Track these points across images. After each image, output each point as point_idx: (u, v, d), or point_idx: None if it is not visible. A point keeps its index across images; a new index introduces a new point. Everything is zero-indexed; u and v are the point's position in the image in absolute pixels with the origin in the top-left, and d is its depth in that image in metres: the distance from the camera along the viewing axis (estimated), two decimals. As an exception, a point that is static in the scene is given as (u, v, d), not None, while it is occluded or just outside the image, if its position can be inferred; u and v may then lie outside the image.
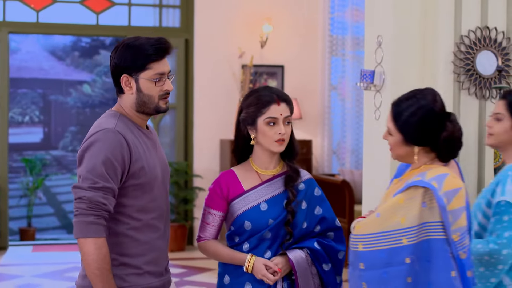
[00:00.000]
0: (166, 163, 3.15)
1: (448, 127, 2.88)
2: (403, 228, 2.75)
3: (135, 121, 3.02)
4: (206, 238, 3.21)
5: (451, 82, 4.36)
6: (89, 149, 2.87)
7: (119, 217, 2.92)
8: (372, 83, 4.49)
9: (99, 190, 2.80)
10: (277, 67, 9.58)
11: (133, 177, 2.90)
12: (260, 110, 3.11)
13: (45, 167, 13.19)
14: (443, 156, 2.92)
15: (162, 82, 2.97)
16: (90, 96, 16.55)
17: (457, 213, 2.78)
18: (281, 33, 9.50)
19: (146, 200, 2.94)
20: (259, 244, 3.13)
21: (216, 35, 9.33)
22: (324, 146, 9.73)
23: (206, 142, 9.34)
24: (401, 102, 2.95)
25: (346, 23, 9.70)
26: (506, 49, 4.43)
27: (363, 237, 2.81)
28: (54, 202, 14.60)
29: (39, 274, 7.72)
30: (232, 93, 9.31)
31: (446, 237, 2.74)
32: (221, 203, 3.17)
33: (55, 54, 16.38)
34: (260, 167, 3.20)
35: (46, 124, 16.71)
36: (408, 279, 2.75)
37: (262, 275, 3.06)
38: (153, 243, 2.97)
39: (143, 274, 2.95)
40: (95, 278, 2.80)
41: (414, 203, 2.77)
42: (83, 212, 2.80)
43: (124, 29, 9.37)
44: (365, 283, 2.80)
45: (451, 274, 2.72)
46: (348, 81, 9.73)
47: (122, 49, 2.99)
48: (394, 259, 2.75)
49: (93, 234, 2.78)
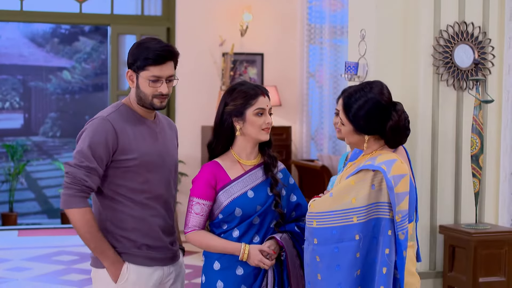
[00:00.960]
0: (169, 152, 3.41)
1: (394, 116, 3.11)
2: (353, 208, 3.02)
3: (137, 111, 3.33)
4: (194, 228, 3.34)
5: (430, 74, 4.60)
6: (83, 133, 3.26)
7: (115, 196, 3.26)
8: (356, 74, 4.72)
9: (82, 168, 3.17)
10: (257, 55, 9.78)
11: (122, 161, 3.23)
12: (248, 102, 3.31)
13: (26, 152, 13.27)
14: (390, 142, 3.16)
15: (158, 84, 3.25)
16: (70, 83, 16.57)
17: (401, 196, 3.02)
18: (260, 22, 9.69)
19: (138, 182, 3.26)
20: (248, 230, 3.31)
21: (197, 23, 9.50)
22: (302, 132, 9.95)
23: (188, 129, 9.51)
24: (351, 95, 3.18)
25: (324, 12, 9.91)
26: (482, 43, 4.68)
27: (317, 214, 3.08)
28: (35, 188, 14.67)
29: (28, 258, 7.89)
30: (213, 81, 9.49)
31: (390, 217, 3.01)
32: (210, 192, 3.31)
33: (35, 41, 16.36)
34: (242, 157, 3.37)
35: (27, 110, 16.70)
36: (356, 254, 3.02)
37: (259, 261, 3.24)
38: (147, 219, 3.29)
39: (140, 247, 3.28)
40: (86, 240, 3.20)
41: (364, 185, 3.03)
42: (67, 185, 3.20)
43: (107, 17, 9.52)
44: (318, 257, 3.07)
45: (385, 251, 2.99)
46: (325, 69, 9.95)
47: (134, 46, 3.30)
48: (345, 235, 3.02)
49: (75, 205, 3.17)
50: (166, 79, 3.27)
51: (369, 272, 3.02)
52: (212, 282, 3.32)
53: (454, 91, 4.65)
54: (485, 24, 4.71)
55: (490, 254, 4.43)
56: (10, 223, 10.80)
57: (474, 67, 4.62)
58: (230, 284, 3.29)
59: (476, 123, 4.44)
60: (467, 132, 4.60)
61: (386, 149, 3.18)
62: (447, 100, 4.63)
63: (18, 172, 11.51)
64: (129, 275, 3.25)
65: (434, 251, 4.65)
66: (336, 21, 9.87)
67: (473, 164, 4.46)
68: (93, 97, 16.58)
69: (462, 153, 4.65)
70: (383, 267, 2.97)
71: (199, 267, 7.43)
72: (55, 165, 13.66)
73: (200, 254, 8.00)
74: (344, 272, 3.01)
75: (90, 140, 3.19)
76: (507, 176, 4.74)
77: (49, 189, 14.46)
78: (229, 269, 3.30)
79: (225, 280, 3.29)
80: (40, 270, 7.34)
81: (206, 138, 9.37)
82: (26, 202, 13.78)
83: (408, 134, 3.19)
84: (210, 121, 9.44)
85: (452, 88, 4.64)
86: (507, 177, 4.75)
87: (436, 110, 4.60)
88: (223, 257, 3.30)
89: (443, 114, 4.63)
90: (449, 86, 4.63)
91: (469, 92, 4.62)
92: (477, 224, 4.52)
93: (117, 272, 3.23)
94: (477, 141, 4.43)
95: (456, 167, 4.66)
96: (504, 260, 4.46)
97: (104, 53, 16.23)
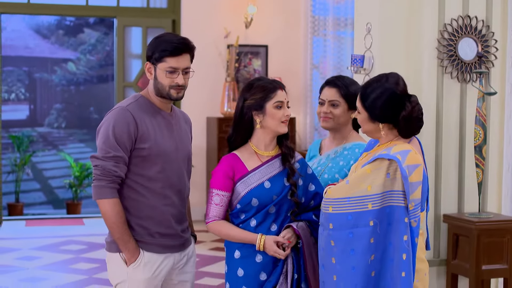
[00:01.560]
0: (184, 143, 3.56)
1: (407, 107, 3.24)
2: (369, 195, 3.15)
3: (155, 103, 3.50)
4: (215, 219, 3.47)
5: (435, 66, 4.70)
6: (104, 124, 3.41)
7: (133, 184, 3.42)
8: (362, 67, 4.81)
9: (110, 159, 3.33)
10: (261, 47, 9.87)
11: (141, 149, 3.39)
12: (268, 95, 3.43)
13: (31, 143, 13.36)
14: (403, 132, 3.28)
15: (175, 75, 3.41)
16: (75, 74, 16.65)
17: (415, 186, 3.15)
18: (265, 14, 9.77)
19: (154, 171, 3.41)
20: (265, 219, 3.42)
21: (202, 16, 9.58)
22: (306, 124, 10.05)
23: (193, 120, 9.38)
24: (368, 85, 3.32)
25: (327, 4, 9.97)
26: (485, 37, 4.78)
27: (333, 201, 3.21)
28: (40, 178, 14.76)
29: (37, 247, 8.00)
30: (218, 72, 9.58)
31: (405, 205, 3.14)
32: (229, 183, 3.44)
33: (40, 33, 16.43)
34: (260, 149, 3.49)
35: (32, 101, 16.78)
36: (371, 240, 3.15)
37: (274, 252, 3.35)
38: (161, 208, 3.44)
39: (153, 234, 3.44)
40: (112, 230, 3.38)
41: (380, 173, 3.16)
42: (97, 177, 3.36)
43: (113, 10, 9.60)
44: (333, 241, 3.20)
45: (403, 238, 3.11)
46: (329, 61, 10.02)
47: (152, 40, 3.46)
48: (360, 221, 3.15)
49: (106, 195, 3.34)
50: (183, 70, 3.42)
51: (383, 257, 3.15)
52: (234, 270, 3.45)
53: (458, 83, 4.75)
54: (489, 18, 4.80)
55: (493, 242, 4.54)
56: (16, 213, 10.89)
57: (478, 60, 4.72)
58: (250, 271, 3.41)
59: (479, 115, 4.54)
60: (470, 123, 4.71)
61: (401, 140, 3.30)
62: (451, 92, 4.73)
63: (24, 163, 11.60)
64: (143, 261, 3.41)
65: (438, 240, 4.75)
66: (339, 13, 9.93)
67: (477, 154, 4.56)
68: (97, 88, 16.66)
69: (465, 144, 4.75)
70: (402, 253, 3.09)
71: (206, 256, 7.56)
72: (61, 156, 13.75)
73: (207, 243, 8.14)
74: (358, 256, 3.13)
75: (113, 130, 3.34)
76: (509, 167, 4.85)
77: (55, 180, 14.53)
78: (249, 257, 3.42)
79: (245, 268, 3.41)
80: (49, 259, 7.45)
81: (211, 129, 9.48)
82: (32, 192, 13.87)
83: (421, 125, 3.31)
84: (215, 113, 9.55)
85: (456, 80, 4.73)
86: (509, 168, 4.85)
87: (440, 102, 4.70)
88: (244, 246, 3.42)
89: (447, 106, 4.73)
90: (453, 79, 4.73)
91: (472, 84, 4.72)
92: (480, 213, 4.63)
93: (133, 260, 3.40)
94: (480, 132, 4.53)
95: (460, 157, 4.77)
96: (506, 248, 4.57)
97: (109, 44, 16.30)
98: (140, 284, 3.42)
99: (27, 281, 6.64)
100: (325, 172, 3.71)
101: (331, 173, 3.70)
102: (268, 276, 3.40)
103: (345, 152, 3.74)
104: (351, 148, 3.75)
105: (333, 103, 3.74)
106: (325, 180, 3.66)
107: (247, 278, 3.41)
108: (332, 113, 3.74)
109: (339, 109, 3.74)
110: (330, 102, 3.76)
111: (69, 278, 6.77)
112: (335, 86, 3.76)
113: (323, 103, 3.78)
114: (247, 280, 3.41)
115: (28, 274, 6.86)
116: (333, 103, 3.74)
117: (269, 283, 3.38)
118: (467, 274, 4.56)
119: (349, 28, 9.68)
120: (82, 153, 15.34)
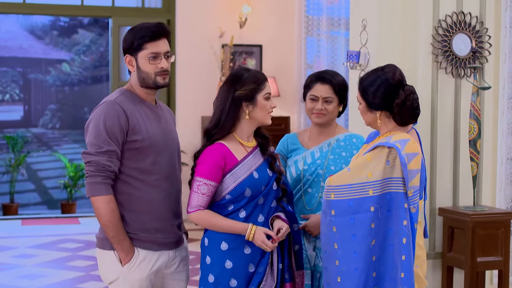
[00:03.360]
0: (173, 134, 3.53)
1: (401, 95, 3.34)
2: (370, 182, 3.23)
3: (140, 95, 3.44)
4: (199, 208, 3.40)
5: (430, 62, 4.77)
6: (93, 119, 3.33)
7: (125, 178, 3.34)
8: (358, 62, 4.87)
9: (104, 154, 3.26)
10: (256, 47, 9.91)
11: (133, 142, 3.32)
12: (259, 86, 3.44)
13: (26, 144, 13.36)
14: (397, 119, 3.37)
15: (158, 61, 3.36)
16: (69, 75, 16.67)
17: (413, 173, 3.24)
18: (259, 14, 9.82)
19: (148, 163, 3.34)
20: (253, 210, 3.41)
21: (197, 15, 9.61)
22: (301, 123, 10.09)
23: (188, 119, 9.63)
24: (367, 75, 3.43)
25: (321, 4, 10.02)
26: (479, 32, 4.84)
27: (335, 187, 3.28)
28: (35, 179, 14.77)
29: (34, 245, 8.03)
30: (213, 72, 9.61)
31: (404, 191, 3.22)
32: (219, 174, 3.38)
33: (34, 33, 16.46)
34: (243, 140, 3.47)
35: (26, 102, 16.80)
36: (371, 225, 3.23)
37: (262, 241, 3.34)
38: (157, 202, 3.38)
39: (149, 230, 3.37)
40: (107, 228, 3.29)
41: (380, 161, 3.24)
42: (91, 174, 3.28)
43: (108, 10, 9.64)
44: (335, 227, 3.27)
45: (403, 223, 3.19)
46: (323, 60, 10.07)
47: (127, 32, 3.41)
48: (361, 207, 3.23)
49: (101, 192, 3.26)
50: (164, 54, 3.37)
51: (384, 242, 3.22)
52: (220, 262, 3.38)
53: (452, 78, 4.81)
54: (482, 14, 4.87)
55: (488, 235, 4.60)
56: (11, 213, 10.87)
57: (472, 55, 4.78)
58: (239, 263, 3.38)
59: (473, 109, 4.60)
60: (465, 117, 4.77)
61: (400, 130, 3.37)
62: (445, 87, 4.80)
63: (19, 163, 11.59)
64: (138, 259, 3.34)
65: (434, 233, 4.81)
66: (333, 13, 9.98)
67: (471, 148, 4.62)
68: (92, 89, 16.68)
69: (460, 138, 4.81)
70: (403, 238, 3.16)
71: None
72: (55, 156, 13.75)
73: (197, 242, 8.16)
74: (359, 241, 3.21)
75: (104, 124, 3.27)
76: (503, 160, 4.91)
77: (49, 180, 14.54)
78: (237, 248, 3.38)
79: (233, 260, 3.37)
80: (46, 257, 7.48)
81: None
82: (27, 193, 13.88)
83: (418, 114, 3.39)
84: (210, 112, 9.52)
85: (451, 75, 4.80)
86: (503, 161, 4.91)
87: (435, 97, 4.76)
88: (230, 237, 3.38)
89: (442, 101, 4.79)
90: (448, 74, 4.79)
91: (467, 79, 4.78)
92: (475, 206, 4.69)
93: (128, 259, 3.33)
94: (474, 126, 4.59)
95: (455, 151, 4.83)
96: (501, 240, 4.63)
97: (103, 45, 16.32)
98: (135, 282, 3.34)
99: (25, 278, 6.66)
100: (330, 164, 3.75)
101: (338, 164, 3.75)
102: (255, 268, 3.39)
103: (342, 143, 3.80)
104: (347, 139, 3.81)
105: (327, 100, 3.78)
106: (332, 172, 3.69)
107: (236, 270, 3.37)
108: (326, 109, 3.78)
109: (332, 105, 3.78)
110: (324, 98, 3.78)
111: (67, 275, 6.80)
112: (328, 82, 3.78)
113: (316, 100, 3.79)
114: (235, 272, 3.37)
115: (26, 272, 6.88)
116: (327, 99, 3.78)
117: (258, 275, 3.37)
118: (462, 267, 4.62)
119: (343, 28, 9.74)
120: (76, 154, 15.30)
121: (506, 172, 4.91)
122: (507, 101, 4.87)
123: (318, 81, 3.81)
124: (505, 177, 4.92)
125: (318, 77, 3.82)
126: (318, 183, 3.75)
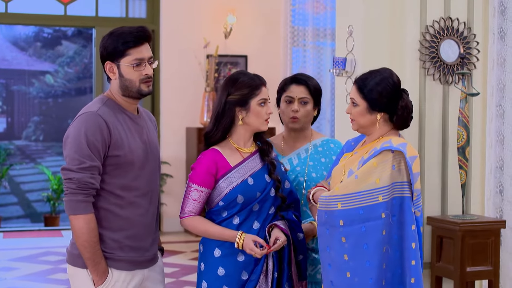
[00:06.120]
0: (154, 146, 3.37)
1: (404, 97, 3.34)
2: (378, 188, 3.16)
3: (122, 105, 3.27)
4: (191, 214, 3.37)
5: (417, 68, 4.70)
6: (73, 131, 3.13)
7: (103, 193, 3.18)
8: (344, 69, 4.80)
9: (86, 171, 3.08)
10: (241, 57, 9.86)
11: (114, 157, 3.16)
12: (253, 92, 3.37)
13: (9, 156, 13.23)
14: (399, 122, 3.33)
15: (142, 67, 3.21)
16: (53, 87, 16.55)
17: (415, 176, 3.20)
18: (244, 24, 9.78)
19: (128, 179, 3.20)
20: (248, 216, 3.36)
21: (181, 26, 9.56)
22: (286, 134, 10.03)
23: (173, 130, 9.56)
24: (366, 76, 3.36)
25: (307, 15, 10.00)
26: (467, 38, 4.78)
27: (342, 197, 3.20)
28: (18, 192, 14.63)
29: (15, 258, 7.91)
30: (198, 82, 9.55)
31: (410, 195, 3.19)
32: (210, 179, 3.35)
33: (18, 45, 16.33)
34: (240, 145, 3.42)
35: (9, 114, 16.66)
36: (383, 232, 3.16)
37: (250, 249, 3.28)
38: (134, 219, 3.23)
39: (123, 248, 3.22)
40: (84, 249, 3.13)
41: (386, 166, 3.19)
42: (73, 191, 3.10)
43: (92, 20, 9.56)
44: (344, 238, 3.18)
45: (412, 227, 3.15)
46: (308, 71, 10.02)
47: (106, 38, 3.23)
48: (372, 214, 3.16)
49: (82, 211, 3.11)
50: (148, 60, 3.23)
51: (393, 248, 3.16)
52: (213, 268, 3.36)
53: (440, 85, 4.74)
54: (470, 20, 4.81)
55: (477, 244, 4.52)
56: (-7, 226, 10.78)
57: (460, 62, 4.72)
58: (232, 271, 3.34)
59: (462, 116, 4.53)
60: (453, 124, 4.69)
61: (392, 134, 3.32)
62: (433, 93, 4.73)
63: (1, 176, 11.48)
64: (111, 282, 3.21)
65: (422, 242, 4.72)
66: (319, 23, 9.96)
67: (460, 156, 4.54)
68: (76, 101, 16.56)
69: (448, 145, 4.74)
70: (412, 243, 3.12)
71: (186, 266, 7.48)
72: (38, 169, 13.62)
73: (187, 253, 8.06)
74: (372, 249, 3.13)
75: (86, 137, 3.10)
76: (492, 168, 4.84)
77: (32, 193, 14.41)
78: (230, 255, 3.35)
79: (226, 267, 3.34)
80: (27, 270, 7.36)
81: (190, 139, 9.42)
82: (9, 206, 13.74)
83: (411, 119, 3.38)
84: (195, 123, 9.50)
85: (439, 82, 4.73)
86: (492, 169, 4.84)
87: (423, 104, 4.69)
88: (224, 244, 3.35)
89: (429, 108, 4.72)
90: (436, 80, 4.73)
91: (455, 85, 4.72)
92: (464, 215, 4.61)
93: (101, 282, 3.18)
94: (463, 133, 4.52)
95: (443, 159, 4.75)
96: (491, 249, 4.55)
97: (87, 57, 16.23)
98: None
99: (5, 292, 6.55)
100: (311, 171, 3.67)
101: (319, 171, 3.68)
102: (248, 275, 3.34)
103: (320, 149, 3.74)
104: (324, 144, 3.76)
105: (303, 100, 3.71)
106: (314, 179, 3.64)
107: (228, 277, 3.34)
108: (301, 112, 3.69)
109: (308, 106, 3.72)
110: (300, 99, 3.70)
111: (48, 288, 6.69)
112: (303, 83, 3.72)
113: (292, 101, 3.71)
114: (228, 279, 3.34)
115: (6, 285, 6.76)
116: (303, 100, 3.71)
117: (250, 283, 3.32)
118: (451, 277, 4.53)
119: (328, 38, 9.71)
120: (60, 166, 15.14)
121: (495, 180, 4.84)
122: (496, 109, 4.80)
123: (293, 83, 3.75)
124: (494, 185, 4.85)
125: (293, 78, 3.78)
126: (300, 191, 3.68)
